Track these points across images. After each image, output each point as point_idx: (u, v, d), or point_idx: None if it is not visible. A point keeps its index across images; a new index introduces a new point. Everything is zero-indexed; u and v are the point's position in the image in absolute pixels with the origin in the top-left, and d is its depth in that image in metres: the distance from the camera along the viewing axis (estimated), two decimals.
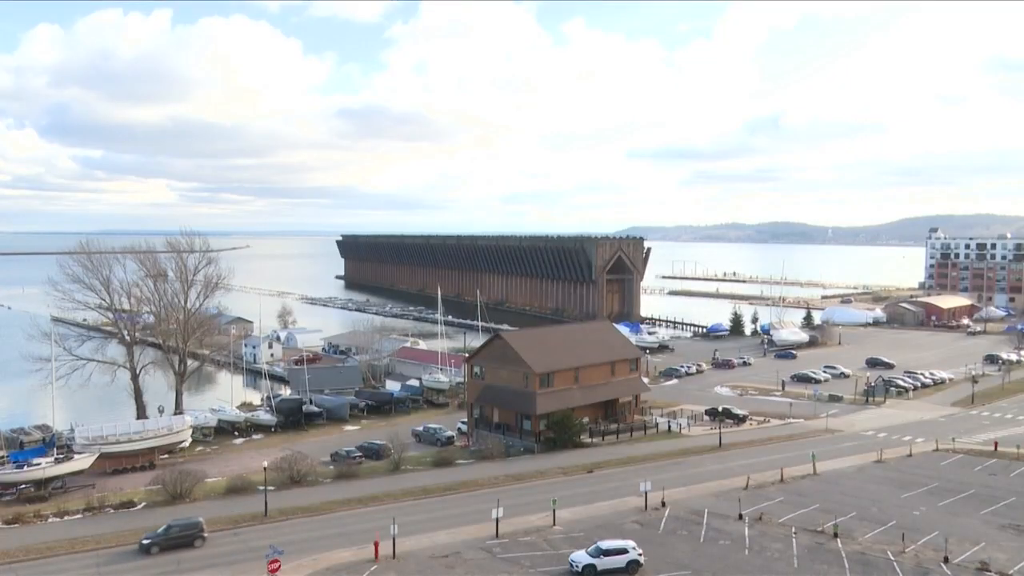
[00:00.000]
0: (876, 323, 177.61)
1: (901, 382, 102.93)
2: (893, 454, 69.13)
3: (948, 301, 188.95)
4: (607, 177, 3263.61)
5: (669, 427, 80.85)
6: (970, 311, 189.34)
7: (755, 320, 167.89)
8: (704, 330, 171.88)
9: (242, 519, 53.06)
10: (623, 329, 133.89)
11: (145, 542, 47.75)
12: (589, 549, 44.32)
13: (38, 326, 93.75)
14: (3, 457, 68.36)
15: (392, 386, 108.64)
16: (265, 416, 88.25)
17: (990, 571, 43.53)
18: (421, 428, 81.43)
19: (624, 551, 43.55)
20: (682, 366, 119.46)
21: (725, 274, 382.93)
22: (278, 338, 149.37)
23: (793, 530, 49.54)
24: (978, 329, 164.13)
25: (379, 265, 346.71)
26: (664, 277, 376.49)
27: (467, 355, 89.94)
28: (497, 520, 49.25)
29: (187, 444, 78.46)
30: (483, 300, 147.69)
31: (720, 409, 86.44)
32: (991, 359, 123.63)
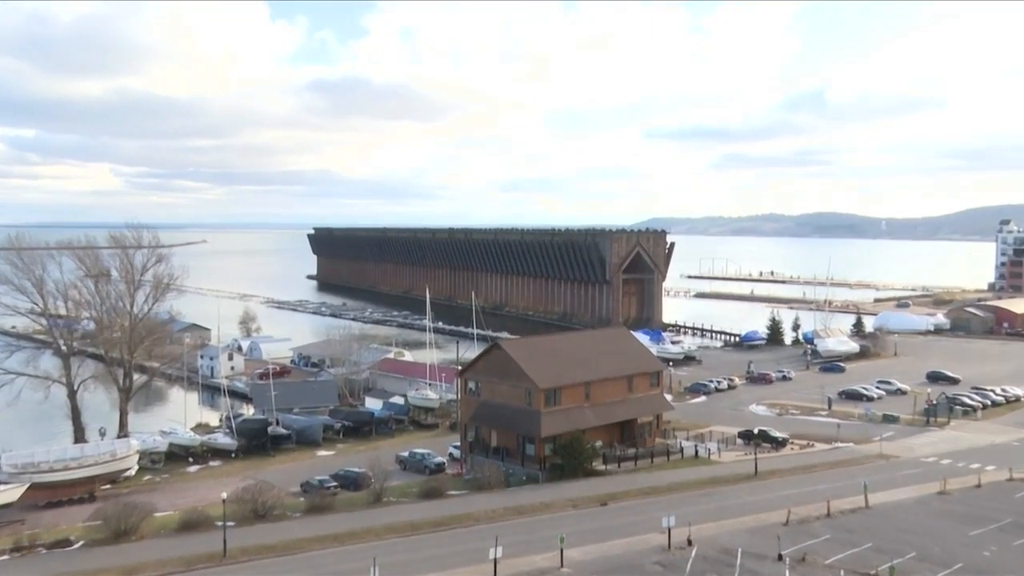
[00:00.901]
0: (938, 331, 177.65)
1: (967, 400, 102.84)
2: (958, 484, 69.00)
3: (1022, 305, 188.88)
4: (623, 161, 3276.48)
5: (696, 452, 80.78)
6: None
7: (796, 327, 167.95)
8: (737, 339, 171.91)
9: (197, 560, 52.92)
10: (642, 337, 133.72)
11: None
12: None
13: None
14: None
15: (373, 404, 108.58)
16: (224, 439, 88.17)
17: None
18: (406, 453, 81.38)
19: None
20: (711, 381, 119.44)
21: (761, 273, 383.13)
22: (240, 348, 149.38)
23: (842, 573, 49.39)
24: None
25: (357, 263, 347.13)
26: (690, 277, 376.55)
27: (460, 368, 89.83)
28: (495, 561, 49.09)
29: (133, 472, 78.37)
30: (479, 304, 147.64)
31: (756, 431, 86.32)
32: None
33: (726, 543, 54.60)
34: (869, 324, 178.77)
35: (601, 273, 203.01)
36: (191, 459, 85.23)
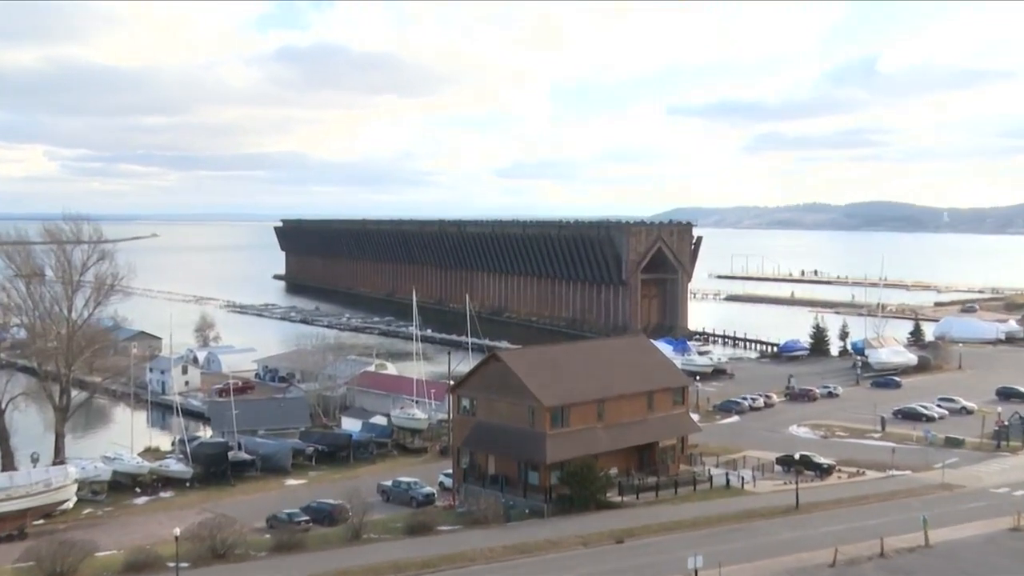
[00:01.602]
0: (1009, 339, 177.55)
1: None
2: None
3: None
4: (642, 141, 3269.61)
5: (727, 481, 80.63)
6: None
7: (844, 336, 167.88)
8: (775, 349, 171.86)
9: None
10: (664, 347, 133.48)
11: None
12: None
13: None
14: None
15: (350, 425, 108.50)
16: (177, 466, 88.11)
17: None
18: (390, 482, 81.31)
19: None
20: (745, 398, 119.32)
21: (803, 273, 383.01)
22: (195, 360, 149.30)
23: None
24: None
25: (333, 260, 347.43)
26: (720, 277, 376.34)
27: (452, 383, 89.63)
28: None
29: (71, 505, 78.31)
30: (474, 308, 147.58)
31: (797, 456, 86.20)
32: None
33: None
34: (929, 332, 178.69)
35: (616, 272, 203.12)
36: (138, 489, 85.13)
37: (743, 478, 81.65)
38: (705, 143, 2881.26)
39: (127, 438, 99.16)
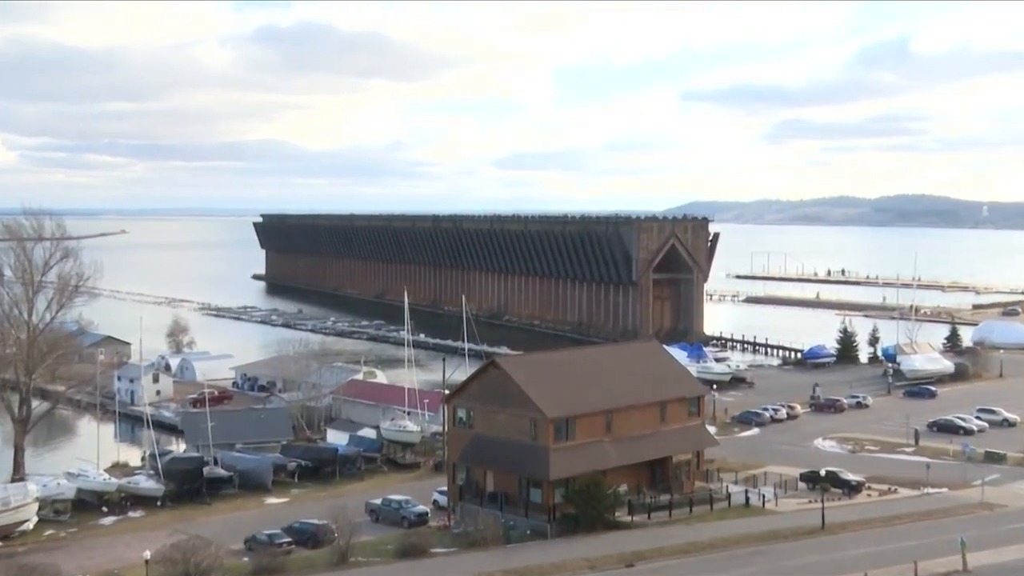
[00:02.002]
0: None
1: None
2: None
3: None
4: (654, 130, 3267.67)
5: (747, 499, 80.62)
6: None
7: (874, 341, 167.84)
8: (799, 355, 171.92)
9: None
10: (678, 354, 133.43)
11: None
12: None
13: None
14: None
15: (336, 438, 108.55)
16: (148, 483, 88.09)
17: None
18: (379, 501, 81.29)
19: None
20: (766, 408, 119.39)
21: (830, 272, 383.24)
22: (167, 367, 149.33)
23: None
24: None
25: (317, 259, 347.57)
26: (739, 277, 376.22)
27: (447, 392, 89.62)
28: None
29: (31, 525, 78.22)
30: (471, 311, 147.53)
31: (823, 473, 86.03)
32: None
33: None
34: (967, 337, 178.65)
35: (626, 272, 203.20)
36: (105, 508, 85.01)
37: (764, 496, 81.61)
38: (723, 131, 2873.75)
39: (93, 453, 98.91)
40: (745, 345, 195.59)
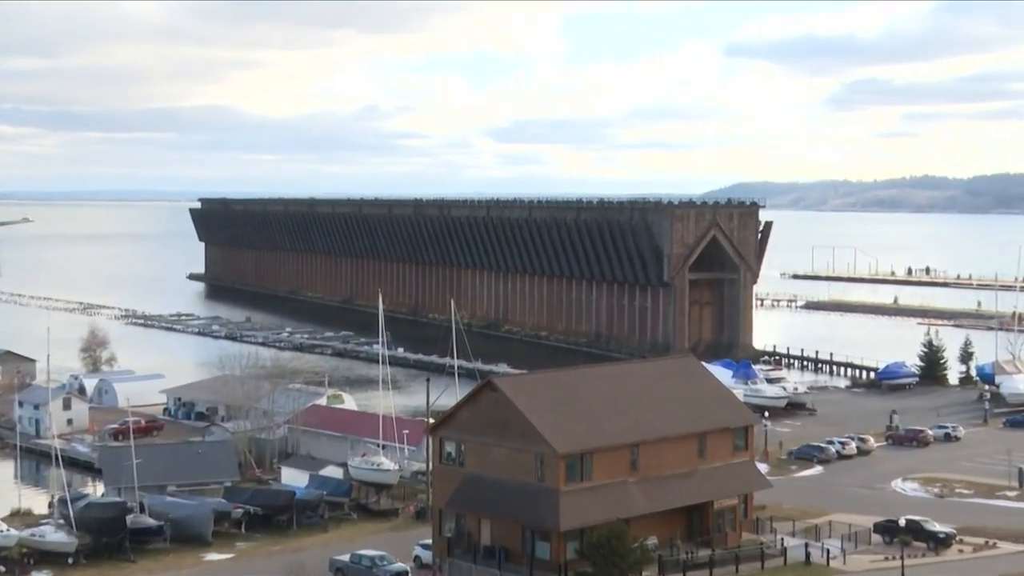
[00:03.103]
0: None
1: None
2: None
3: None
4: (692, 93, 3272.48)
5: (807, 555, 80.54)
6: None
7: (967, 357, 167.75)
8: (872, 375, 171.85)
9: None
10: (721, 373, 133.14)
11: None
12: None
13: None
14: None
15: (293, 479, 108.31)
16: (56, 536, 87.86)
17: None
18: (347, 558, 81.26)
19: None
20: (831, 441, 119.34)
21: (911, 271, 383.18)
22: (82, 390, 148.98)
23: None
24: None
25: (270, 254, 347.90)
26: (796, 277, 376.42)
27: (432, 421, 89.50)
28: None
29: None
30: (462, 319, 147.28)
31: (903, 522, 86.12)
32: None
33: None
34: None
35: (656, 271, 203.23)
36: (3, 568, 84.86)
37: (828, 551, 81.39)
38: (777, 95, 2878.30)
39: None
40: (805, 362, 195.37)
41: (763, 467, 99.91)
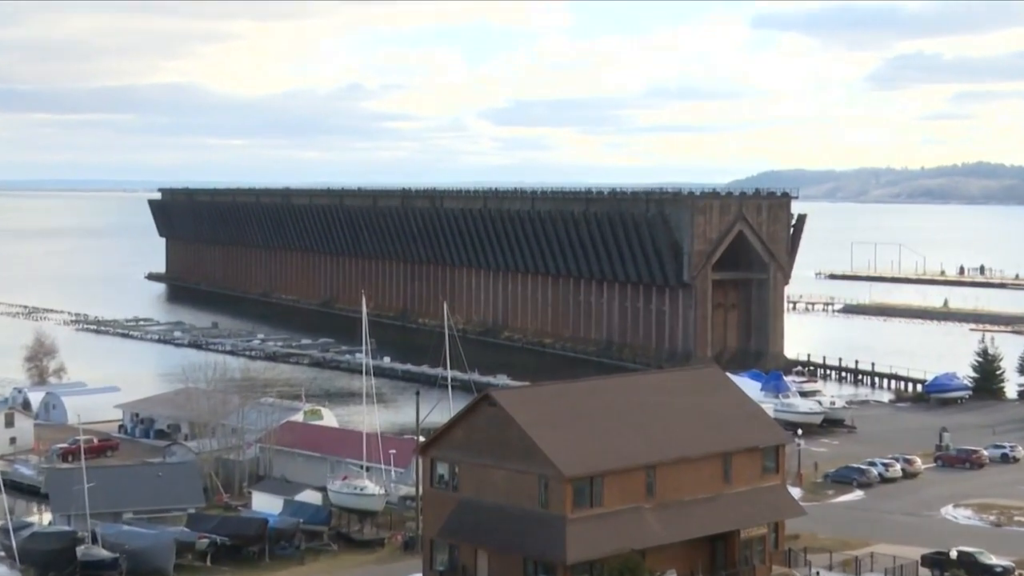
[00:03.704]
0: None
1: None
2: None
3: None
4: (715, 69, 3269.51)
5: None
6: None
7: None
8: (919, 387, 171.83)
9: None
10: (749, 385, 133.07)
11: None
12: None
13: None
14: None
15: (266, 504, 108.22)
16: None
17: None
18: None
19: None
20: (873, 463, 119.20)
21: (963, 270, 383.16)
22: (26, 405, 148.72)
23: None
24: None
25: (239, 251, 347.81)
26: (833, 277, 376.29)
27: (422, 440, 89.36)
28: None
29: None
30: (456, 324, 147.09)
31: (954, 555, 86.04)
32: None
33: None
34: None
35: (675, 270, 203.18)
36: None
37: None
38: (812, 71, 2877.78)
39: None
40: (843, 373, 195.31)
41: (796, 492, 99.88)
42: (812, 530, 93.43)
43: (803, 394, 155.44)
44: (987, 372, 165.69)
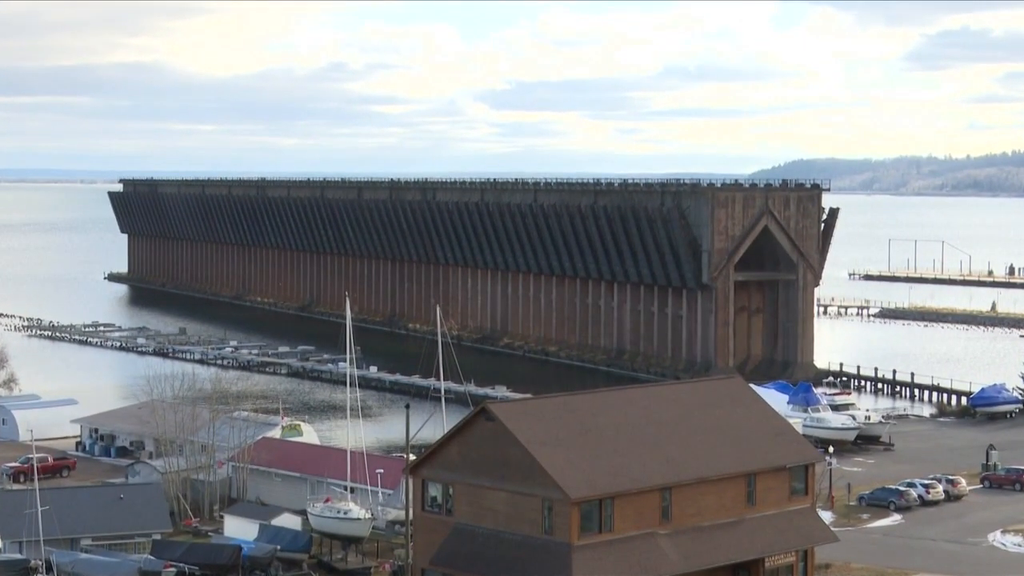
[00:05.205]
0: None
1: None
2: None
3: None
4: (740, 48, 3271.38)
5: None
6: None
7: None
8: (964, 400, 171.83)
9: None
10: (775, 398, 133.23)
11: None
12: None
13: None
14: None
15: (239, 530, 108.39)
16: None
17: None
18: None
19: None
20: (912, 484, 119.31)
21: (1013, 270, 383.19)
22: None
23: None
24: None
25: (208, 250, 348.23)
26: (869, 278, 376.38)
27: (413, 459, 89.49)
28: None
29: None
30: (450, 331, 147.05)
31: None
32: None
33: None
34: None
35: (693, 270, 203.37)
36: None
37: None
38: (845, 49, 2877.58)
39: None
40: (879, 385, 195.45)
41: (827, 516, 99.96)
42: (845, 558, 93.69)
43: (835, 408, 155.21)
44: None
